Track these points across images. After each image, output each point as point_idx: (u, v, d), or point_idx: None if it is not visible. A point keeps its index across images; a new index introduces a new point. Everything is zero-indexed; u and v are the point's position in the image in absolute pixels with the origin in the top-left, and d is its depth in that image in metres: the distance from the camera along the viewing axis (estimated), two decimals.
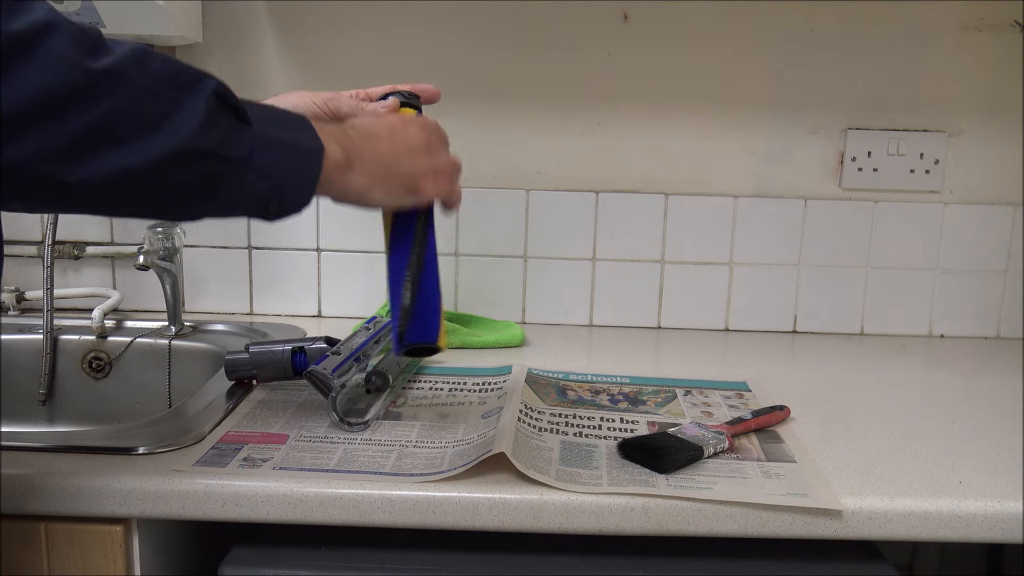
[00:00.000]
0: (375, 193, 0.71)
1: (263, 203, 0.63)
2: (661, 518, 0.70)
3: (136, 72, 0.55)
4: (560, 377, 0.99)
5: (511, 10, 1.18)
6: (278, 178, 0.62)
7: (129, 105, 0.55)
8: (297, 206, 0.65)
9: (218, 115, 0.59)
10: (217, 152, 0.58)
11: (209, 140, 0.58)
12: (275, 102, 0.81)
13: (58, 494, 0.70)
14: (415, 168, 0.74)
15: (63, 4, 1.03)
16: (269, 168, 0.61)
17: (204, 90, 0.58)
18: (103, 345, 1.14)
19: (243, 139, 0.60)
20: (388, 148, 0.72)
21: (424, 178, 0.75)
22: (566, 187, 1.22)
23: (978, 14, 1.17)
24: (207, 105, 0.58)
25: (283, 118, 0.65)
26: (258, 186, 0.61)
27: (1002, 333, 1.26)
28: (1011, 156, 1.22)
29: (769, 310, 1.25)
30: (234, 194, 0.61)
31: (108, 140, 0.54)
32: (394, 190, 0.72)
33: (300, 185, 0.64)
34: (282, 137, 0.63)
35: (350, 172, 0.68)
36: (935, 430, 0.88)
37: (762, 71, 1.19)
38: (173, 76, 0.57)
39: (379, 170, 0.71)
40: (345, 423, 0.82)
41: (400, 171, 0.72)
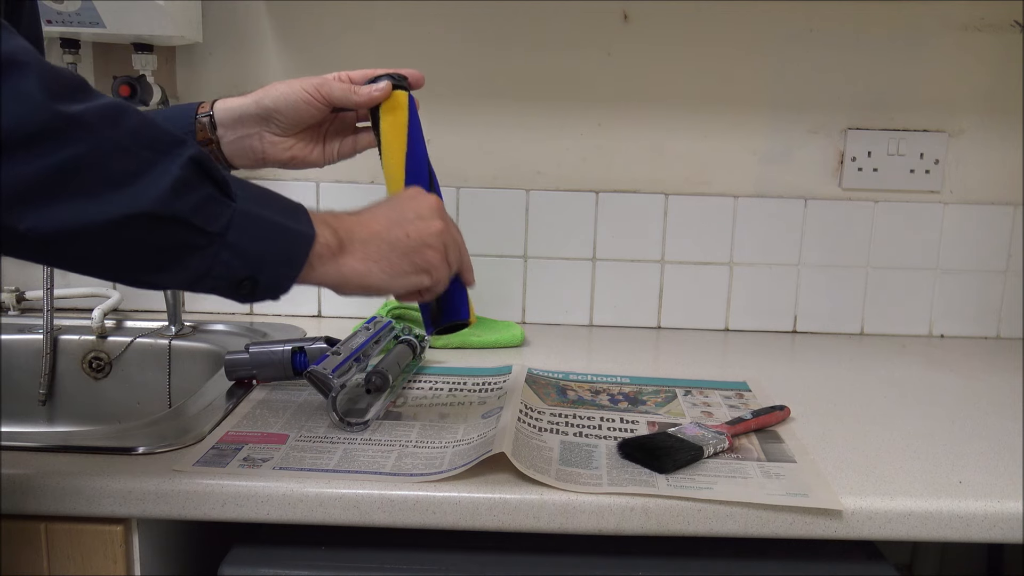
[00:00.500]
0: (376, 276, 0.66)
1: (236, 282, 0.60)
2: (661, 518, 0.70)
3: (107, 126, 0.53)
4: (560, 377, 0.99)
5: (511, 10, 1.18)
6: (255, 259, 0.59)
7: (94, 157, 0.52)
8: (275, 291, 0.62)
9: (193, 182, 0.56)
10: (188, 221, 0.55)
11: (179, 206, 0.55)
12: (263, 92, 0.79)
13: (58, 494, 0.70)
14: (423, 238, 0.68)
15: (63, 4, 1.03)
16: (246, 247, 0.58)
17: (181, 155, 0.56)
18: (103, 345, 1.14)
19: (221, 212, 0.57)
20: (387, 222, 0.68)
21: (433, 250, 0.69)
22: (566, 187, 1.22)
23: (978, 14, 1.17)
24: (182, 170, 0.55)
25: (275, 200, 0.62)
26: (231, 264, 0.58)
27: (1002, 333, 1.26)
28: (1011, 156, 1.22)
29: (769, 310, 1.25)
30: (204, 268, 0.58)
31: (66, 190, 0.51)
32: (399, 269, 0.67)
33: (281, 269, 0.61)
34: (266, 216, 0.60)
35: (343, 256, 0.64)
36: (935, 430, 0.88)
37: (762, 71, 1.19)
38: (149, 137, 0.55)
39: (377, 248, 0.66)
40: (345, 423, 0.82)
41: (405, 245, 0.67)
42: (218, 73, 1.19)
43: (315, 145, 0.83)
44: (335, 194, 1.20)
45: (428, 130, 0.83)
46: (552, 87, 1.20)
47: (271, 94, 0.79)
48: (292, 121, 0.80)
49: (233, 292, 0.61)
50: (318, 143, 0.84)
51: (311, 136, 0.83)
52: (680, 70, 1.19)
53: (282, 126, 0.80)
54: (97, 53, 1.18)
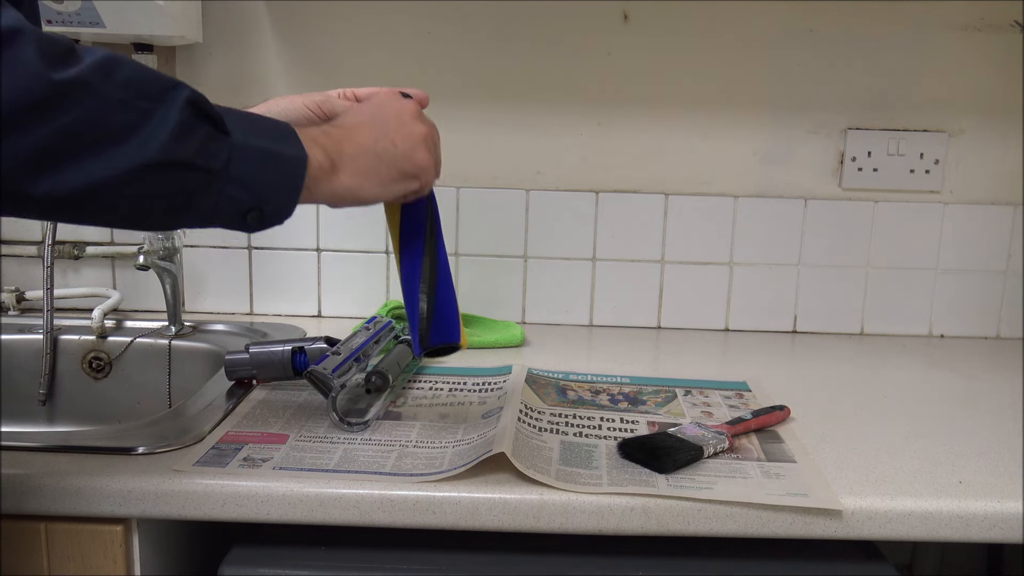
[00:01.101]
0: (367, 188, 0.68)
1: (242, 214, 0.61)
2: (661, 518, 0.70)
3: (103, 82, 0.54)
4: (560, 377, 0.99)
5: (511, 10, 1.18)
6: (258, 189, 0.60)
7: (95, 116, 0.53)
8: (278, 217, 0.63)
9: (192, 124, 0.57)
10: (192, 163, 0.57)
11: (183, 151, 0.56)
12: (265, 108, 0.79)
13: (58, 494, 0.70)
14: (408, 145, 0.70)
15: (63, 4, 1.03)
16: (248, 178, 0.60)
17: (176, 99, 0.56)
18: (103, 345, 1.14)
19: (220, 149, 0.58)
20: (373, 134, 0.68)
21: (420, 152, 0.70)
22: (566, 187, 1.22)
23: (978, 14, 1.17)
24: (180, 115, 0.56)
25: (265, 126, 0.63)
26: (237, 197, 0.60)
27: (1002, 333, 1.26)
28: (1011, 156, 1.22)
29: (769, 310, 1.25)
30: (211, 205, 0.59)
31: (74, 152, 0.53)
32: (388, 178, 0.69)
33: (281, 195, 0.62)
34: (263, 146, 0.61)
35: (335, 174, 0.65)
36: (935, 430, 0.88)
37: (762, 71, 1.19)
38: (143, 85, 0.56)
39: (367, 161, 0.67)
40: (345, 423, 0.82)
41: (392, 154, 0.69)
42: (218, 73, 1.19)
43: None
44: None
45: None
46: (552, 87, 1.20)
47: (273, 109, 0.79)
48: None
49: (240, 223, 0.62)
50: None
51: None
52: (680, 70, 1.19)
53: None
54: None
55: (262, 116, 0.65)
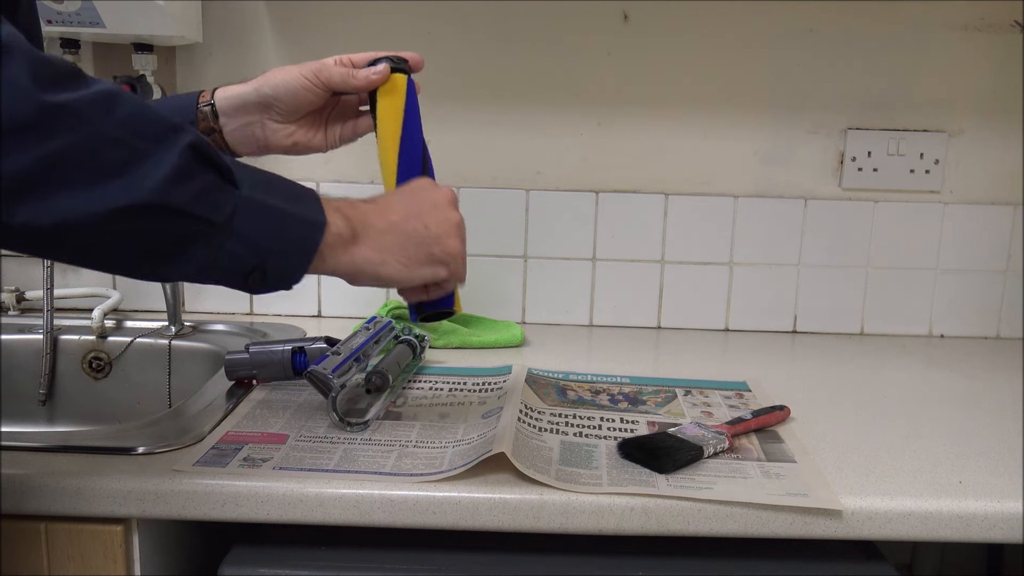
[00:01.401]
0: (390, 266, 0.65)
1: (243, 273, 0.59)
2: (661, 518, 0.70)
3: (98, 114, 0.51)
4: (560, 377, 0.99)
5: (511, 10, 1.18)
6: (263, 248, 0.58)
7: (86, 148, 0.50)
8: (285, 280, 0.60)
9: (193, 171, 0.54)
10: (187, 210, 0.54)
11: (177, 197, 0.53)
12: (262, 79, 0.79)
13: (58, 494, 0.70)
14: (442, 230, 0.67)
15: (63, 4, 1.03)
16: (253, 236, 0.57)
17: (177, 143, 0.54)
18: (103, 345, 1.14)
19: (223, 200, 0.56)
20: (405, 212, 0.66)
21: (452, 239, 0.68)
22: (566, 187, 1.22)
23: (978, 14, 1.17)
24: (179, 159, 0.53)
25: (283, 186, 0.60)
26: (238, 254, 0.57)
27: (1002, 333, 1.26)
28: (1011, 156, 1.22)
29: (769, 310, 1.25)
30: (208, 259, 0.57)
31: (58, 183, 0.50)
32: (415, 260, 0.66)
33: (290, 258, 0.60)
34: (274, 204, 0.58)
35: (356, 245, 0.63)
36: (935, 430, 0.88)
37: (762, 71, 1.19)
38: (143, 125, 0.53)
39: (393, 239, 0.65)
40: (345, 423, 0.82)
41: (423, 236, 0.66)
42: (218, 73, 1.19)
43: (317, 130, 0.83)
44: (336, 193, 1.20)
45: (428, 130, 0.83)
46: (552, 87, 1.20)
47: (271, 82, 0.79)
48: (292, 107, 0.79)
49: (241, 283, 0.59)
50: (320, 128, 0.83)
51: (313, 122, 0.83)
52: (680, 70, 1.19)
53: (283, 113, 0.80)
54: (97, 53, 1.18)
55: (284, 178, 0.62)
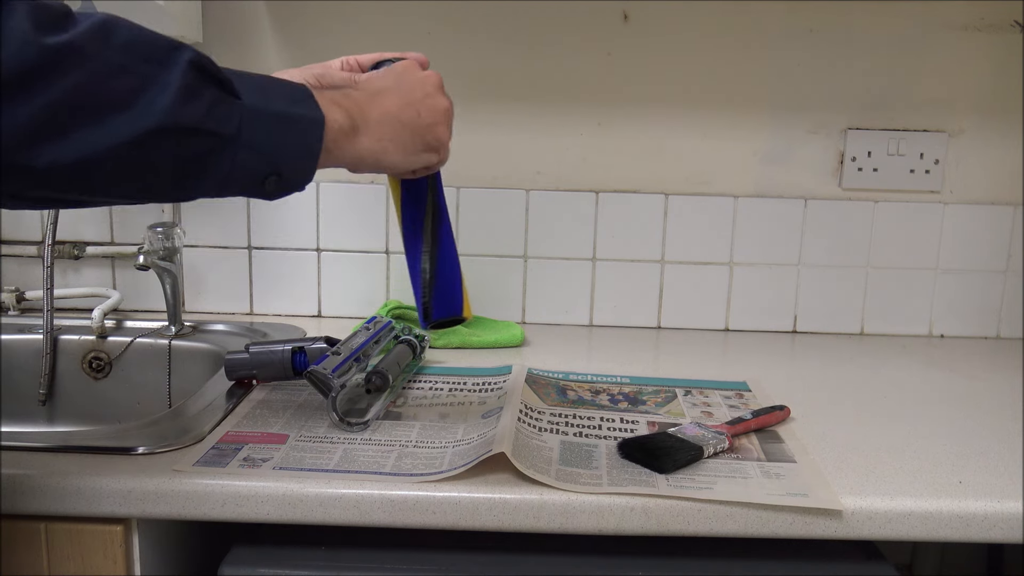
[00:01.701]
0: (391, 155, 0.67)
1: (259, 180, 0.59)
2: (661, 518, 0.70)
3: (100, 46, 0.52)
4: (560, 377, 0.99)
5: (511, 10, 1.18)
6: (274, 153, 0.59)
7: (94, 82, 0.51)
8: (299, 182, 0.61)
9: (198, 88, 0.55)
10: (200, 127, 0.55)
11: (189, 115, 0.54)
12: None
13: (58, 494, 0.70)
14: (432, 118, 0.69)
15: None
16: (262, 143, 0.58)
17: (179, 61, 0.54)
18: (103, 345, 1.14)
19: (230, 113, 0.57)
20: (399, 101, 0.67)
21: (441, 127, 0.70)
22: (566, 187, 1.22)
23: (978, 14, 1.17)
24: (183, 78, 0.54)
25: (279, 88, 0.61)
26: (251, 163, 0.58)
27: (1002, 333, 1.26)
28: (1011, 156, 1.22)
29: (769, 310, 1.25)
30: (225, 172, 0.58)
31: (74, 121, 0.51)
32: (411, 147, 0.68)
33: (299, 159, 0.61)
34: (276, 109, 0.59)
35: (357, 137, 0.64)
36: (935, 430, 0.88)
37: (762, 71, 1.19)
38: (143, 48, 0.54)
39: (392, 128, 0.66)
40: (345, 423, 0.82)
41: (417, 124, 0.68)
42: None
43: None
44: (335, 194, 1.20)
45: None
46: (552, 87, 1.20)
47: None
48: None
49: (259, 190, 0.60)
50: None
51: None
52: (680, 70, 1.19)
53: None
54: None
55: (276, 78, 0.63)
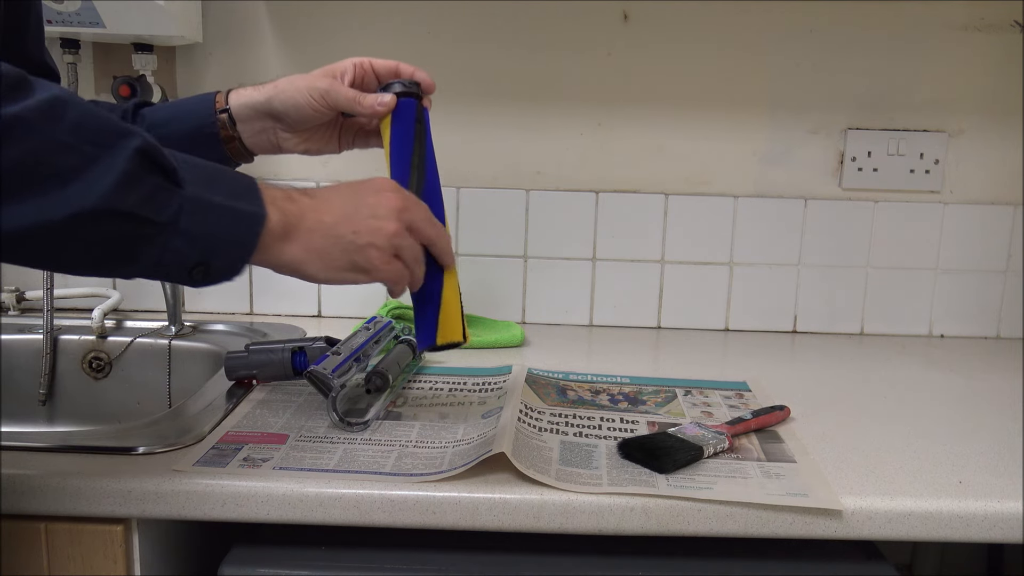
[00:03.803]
0: (312, 267, 0.65)
1: (187, 268, 0.59)
2: (661, 518, 0.70)
3: (46, 122, 0.52)
4: (560, 377, 0.99)
5: (511, 10, 1.18)
6: (206, 244, 0.59)
7: (36, 156, 0.51)
8: (227, 273, 0.61)
9: (141, 174, 0.55)
10: (136, 214, 0.55)
11: (126, 201, 0.54)
12: (276, 91, 0.79)
13: (58, 494, 0.70)
14: (371, 238, 0.67)
15: (63, 4, 1.03)
16: (197, 233, 0.58)
17: (125, 148, 0.55)
18: (103, 345, 1.14)
19: (168, 201, 0.57)
20: (339, 214, 0.66)
21: (377, 252, 0.67)
22: (566, 187, 1.22)
23: (978, 14, 1.17)
24: (127, 163, 0.54)
25: (226, 180, 0.61)
26: (183, 251, 0.58)
27: (1002, 333, 1.26)
28: (1011, 156, 1.22)
29: (769, 310, 1.25)
30: (155, 258, 0.58)
31: (13, 191, 0.51)
32: (336, 263, 0.66)
33: (231, 253, 0.61)
34: (217, 201, 0.59)
35: (285, 243, 0.64)
36: (935, 430, 0.88)
37: (762, 71, 1.19)
38: (92, 131, 0.54)
39: (321, 239, 0.65)
40: (345, 423, 0.82)
41: (349, 242, 0.66)
42: (218, 73, 1.19)
43: (330, 139, 0.85)
44: None
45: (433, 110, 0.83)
46: (552, 87, 1.20)
47: (280, 97, 0.79)
48: (301, 123, 0.81)
49: (185, 278, 0.60)
50: (333, 136, 0.85)
51: (324, 130, 0.84)
52: (680, 70, 1.19)
53: (292, 126, 0.81)
54: (97, 53, 1.18)
55: (225, 169, 0.63)
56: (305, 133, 0.82)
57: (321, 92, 0.79)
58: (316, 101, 0.79)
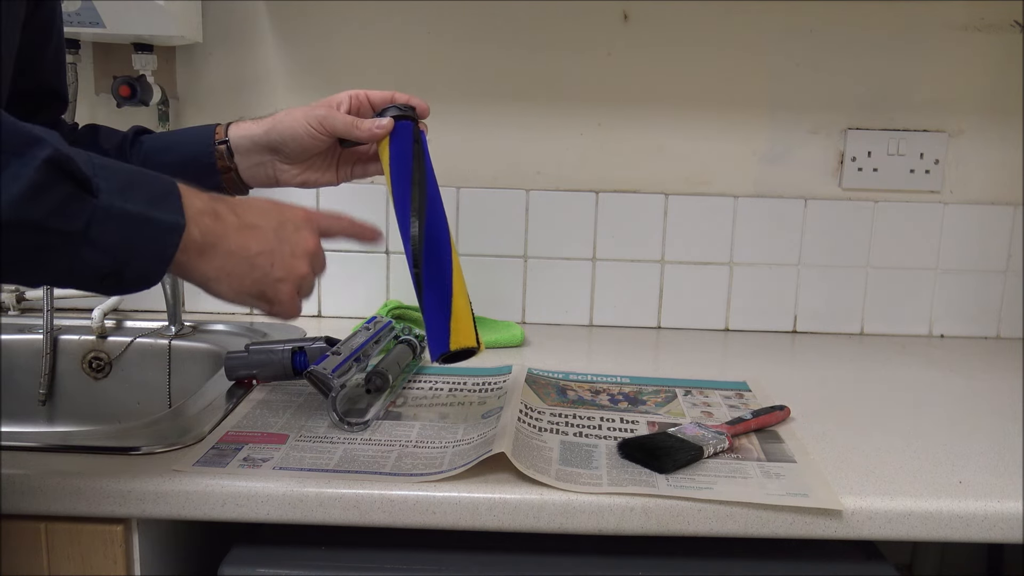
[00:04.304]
0: (221, 287, 0.65)
1: (98, 278, 0.58)
2: (661, 518, 0.70)
3: None
4: (560, 377, 0.99)
5: (511, 10, 1.18)
6: (119, 253, 0.57)
7: None
8: (142, 283, 0.60)
9: (49, 184, 0.53)
10: (43, 224, 0.53)
11: (32, 212, 0.52)
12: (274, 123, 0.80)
13: (58, 494, 0.70)
14: (285, 274, 0.68)
15: (63, 4, 1.03)
16: (107, 242, 0.56)
17: (35, 157, 0.53)
18: (103, 345, 1.14)
19: (79, 211, 0.55)
20: (262, 246, 0.66)
21: (288, 287, 0.68)
22: (566, 187, 1.22)
23: (978, 14, 1.17)
24: (36, 173, 0.52)
25: (145, 186, 0.59)
26: (94, 260, 0.56)
27: (1002, 333, 1.26)
28: (1011, 156, 1.22)
29: (769, 310, 1.25)
30: (64, 267, 0.56)
31: None
32: (245, 289, 0.66)
33: (145, 262, 0.59)
34: (132, 210, 0.57)
35: (201, 258, 0.63)
36: (935, 430, 0.88)
37: (762, 71, 1.19)
38: (1, 138, 0.52)
39: (238, 266, 0.65)
40: (345, 423, 0.82)
41: (264, 274, 0.66)
42: (218, 73, 1.19)
43: (327, 170, 0.85)
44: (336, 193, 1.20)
45: (429, 129, 0.83)
46: (552, 87, 1.20)
47: (278, 128, 0.80)
48: (299, 153, 0.81)
49: (97, 286, 0.59)
50: (331, 167, 0.85)
51: (322, 161, 0.85)
52: (680, 70, 1.19)
53: (291, 157, 0.82)
54: (97, 53, 1.18)
55: (148, 173, 0.61)
56: (303, 164, 0.83)
57: (319, 118, 0.79)
58: (314, 128, 0.79)
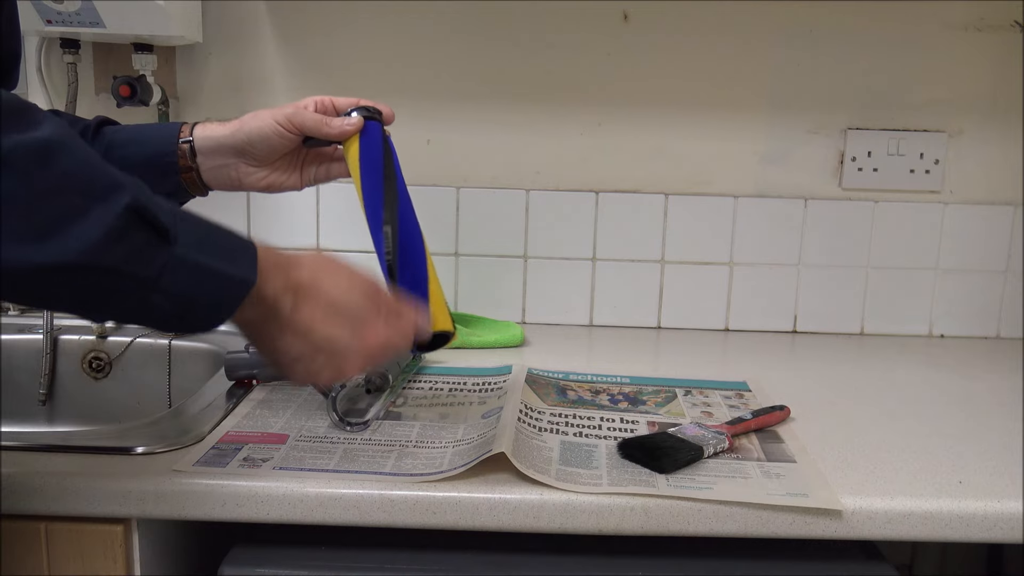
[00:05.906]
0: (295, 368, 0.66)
1: (163, 320, 0.59)
2: (661, 518, 0.70)
3: (36, 166, 0.50)
4: (560, 377, 0.99)
5: (511, 10, 1.18)
6: (185, 302, 0.58)
7: (18, 200, 0.49)
8: (201, 330, 0.61)
9: (129, 230, 0.53)
10: (119, 269, 0.54)
11: (110, 257, 0.53)
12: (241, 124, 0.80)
13: (58, 494, 0.70)
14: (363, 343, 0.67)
15: (63, 4, 1.03)
16: (177, 291, 0.57)
17: (117, 203, 0.53)
18: (103, 345, 1.14)
19: (154, 258, 0.55)
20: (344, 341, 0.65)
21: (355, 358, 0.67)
22: (566, 187, 1.22)
23: (978, 14, 1.17)
24: (117, 220, 0.52)
25: (222, 242, 0.60)
26: (161, 306, 0.57)
27: (1002, 333, 1.26)
28: (1011, 156, 1.22)
29: (769, 310, 1.25)
30: (131, 308, 0.57)
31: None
32: (308, 374, 0.67)
33: (209, 312, 0.60)
34: (204, 263, 0.58)
35: (280, 330, 0.64)
36: (935, 430, 0.88)
37: (762, 71, 1.19)
38: (84, 181, 0.52)
39: (309, 349, 0.65)
40: (345, 423, 0.82)
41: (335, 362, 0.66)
42: (218, 73, 1.19)
43: (292, 172, 0.84)
44: (336, 193, 1.20)
45: (429, 129, 0.84)
46: (552, 87, 1.20)
47: (245, 129, 0.80)
48: (266, 153, 0.81)
49: (161, 327, 0.60)
50: (295, 169, 0.85)
51: (288, 164, 0.84)
52: (680, 70, 1.19)
53: (257, 158, 0.81)
54: (97, 53, 1.18)
55: (228, 232, 0.62)
56: (269, 166, 0.82)
57: (287, 116, 0.79)
58: (283, 126, 0.79)
